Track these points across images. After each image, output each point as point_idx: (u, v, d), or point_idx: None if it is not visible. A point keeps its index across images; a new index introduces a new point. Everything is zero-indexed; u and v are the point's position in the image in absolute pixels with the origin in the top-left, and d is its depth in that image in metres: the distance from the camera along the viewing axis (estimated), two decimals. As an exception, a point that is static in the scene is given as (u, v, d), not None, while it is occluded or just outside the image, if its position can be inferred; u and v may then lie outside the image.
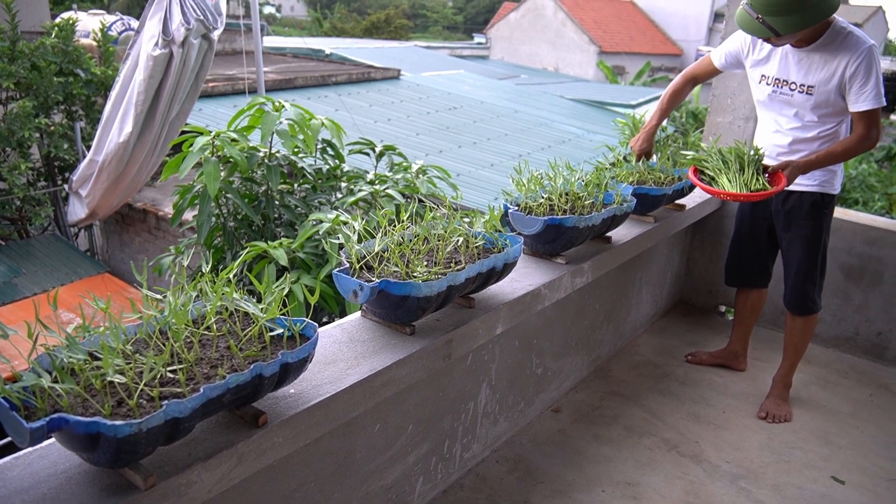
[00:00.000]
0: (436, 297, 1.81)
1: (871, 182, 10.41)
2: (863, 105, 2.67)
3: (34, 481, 1.29)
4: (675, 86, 3.23)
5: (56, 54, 6.96)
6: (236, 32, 12.38)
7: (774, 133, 3.00)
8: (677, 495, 2.58)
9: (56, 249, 6.91)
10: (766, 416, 3.11)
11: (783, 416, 3.10)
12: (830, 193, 2.99)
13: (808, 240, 3.02)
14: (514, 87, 15.02)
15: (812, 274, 3.06)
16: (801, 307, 3.11)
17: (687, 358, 3.57)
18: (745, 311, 3.42)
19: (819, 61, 2.73)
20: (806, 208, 2.99)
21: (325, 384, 1.65)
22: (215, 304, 1.48)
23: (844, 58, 2.66)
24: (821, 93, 2.75)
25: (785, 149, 2.96)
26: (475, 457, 2.62)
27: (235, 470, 1.43)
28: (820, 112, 2.81)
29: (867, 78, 2.63)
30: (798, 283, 3.09)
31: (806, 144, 2.90)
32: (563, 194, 2.61)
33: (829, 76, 2.71)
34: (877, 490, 2.69)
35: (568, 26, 28.21)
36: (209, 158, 3.29)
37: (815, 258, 3.04)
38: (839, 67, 2.67)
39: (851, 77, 2.66)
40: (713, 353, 3.55)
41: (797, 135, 2.91)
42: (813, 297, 3.10)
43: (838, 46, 2.68)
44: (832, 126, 2.84)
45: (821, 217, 3.00)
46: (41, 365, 1.30)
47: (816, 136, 2.87)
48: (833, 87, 2.71)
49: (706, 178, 2.86)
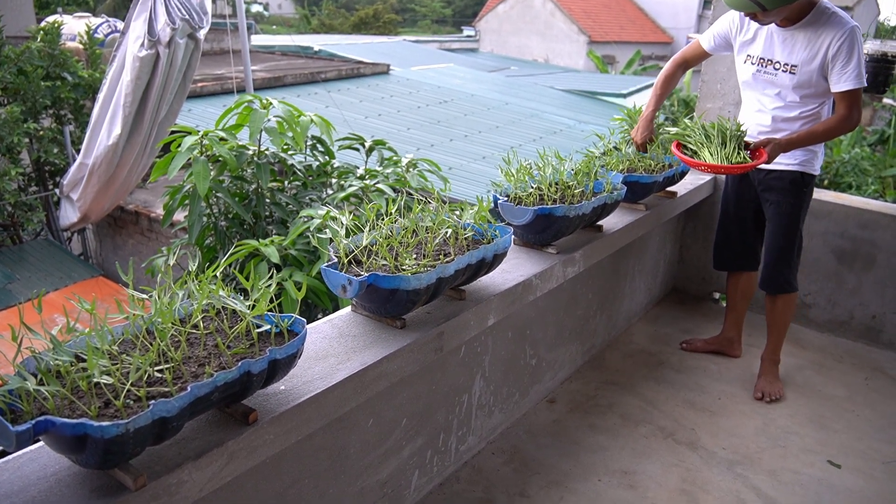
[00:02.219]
0: (425, 289, 1.81)
1: (864, 166, 10.39)
2: (844, 85, 2.69)
3: (24, 484, 1.28)
4: (666, 71, 3.24)
5: (42, 58, 6.93)
6: (224, 32, 12.34)
7: (757, 112, 3.02)
8: (674, 483, 2.58)
9: (49, 254, 6.89)
10: (762, 396, 3.15)
11: (776, 393, 3.17)
12: (810, 173, 3.02)
13: (786, 218, 3.06)
14: (505, 79, 15.01)
15: (786, 253, 3.09)
16: (775, 286, 3.14)
17: (682, 346, 3.58)
18: (735, 295, 3.43)
19: (803, 40, 2.75)
20: (786, 186, 3.03)
21: (316, 380, 1.64)
22: (201, 302, 1.47)
23: (827, 37, 2.68)
24: (803, 73, 2.78)
25: (767, 128, 2.99)
26: (471, 449, 2.62)
27: (226, 468, 1.42)
28: (802, 92, 2.84)
29: (849, 58, 2.66)
30: (772, 262, 3.12)
31: (788, 124, 2.93)
32: (553, 184, 2.60)
33: (812, 56, 2.73)
34: (873, 473, 2.70)
35: (557, 17, 28.11)
36: (198, 158, 3.27)
37: (792, 237, 3.07)
38: (822, 47, 2.70)
39: (834, 57, 2.68)
40: (707, 340, 3.57)
41: (780, 114, 2.93)
42: (787, 276, 3.12)
43: (822, 26, 2.70)
44: (814, 106, 2.87)
45: (800, 195, 3.04)
46: (27, 368, 1.29)
47: (798, 116, 2.90)
48: (816, 67, 2.74)
49: (689, 152, 2.88)
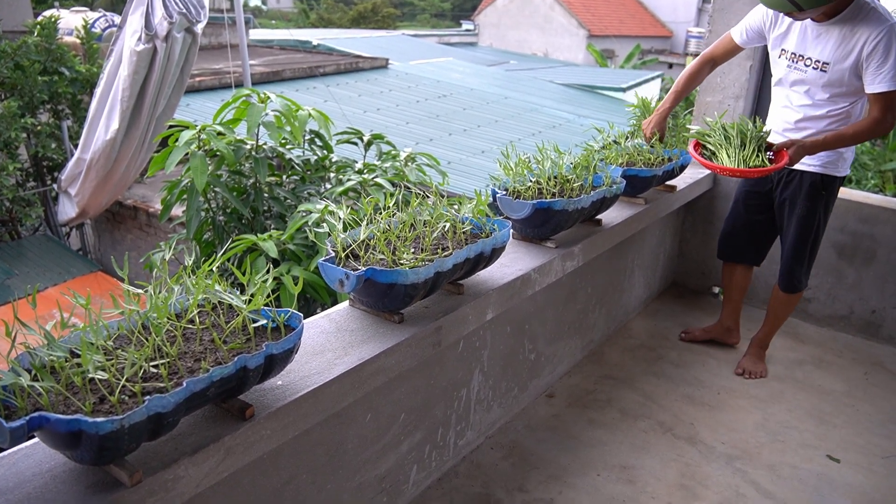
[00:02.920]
0: (423, 283, 1.80)
1: (864, 160, 10.38)
2: (880, 86, 2.54)
3: (19, 481, 1.27)
4: (691, 68, 3.11)
5: (39, 53, 6.91)
6: (221, 26, 12.29)
7: (783, 108, 2.92)
8: (672, 477, 2.58)
9: (48, 249, 6.88)
10: (742, 372, 3.29)
11: (759, 373, 3.28)
12: (832, 175, 2.92)
13: (802, 220, 3.00)
14: (504, 74, 14.98)
15: (800, 254, 3.06)
16: (788, 285, 3.16)
17: (681, 336, 3.62)
18: (731, 286, 3.45)
19: (838, 36, 2.61)
20: (805, 189, 2.95)
21: (313, 375, 1.63)
22: (197, 297, 1.46)
23: (864, 34, 2.53)
24: (835, 71, 2.65)
25: (791, 125, 2.89)
26: (469, 444, 2.61)
27: (223, 464, 1.41)
28: (832, 91, 2.71)
29: (886, 57, 2.50)
30: (787, 262, 3.11)
31: (813, 123, 2.82)
32: (552, 178, 2.59)
33: (847, 53, 2.59)
34: (872, 468, 2.69)
35: (556, 10, 28.03)
36: (196, 152, 3.26)
37: (806, 239, 3.02)
38: (857, 44, 2.55)
39: (869, 55, 2.53)
40: (706, 329, 3.62)
41: (806, 112, 2.82)
42: (799, 276, 3.12)
43: (859, 22, 2.55)
44: (844, 106, 2.74)
45: (817, 199, 2.95)
46: (21, 364, 1.28)
47: (825, 115, 2.78)
48: (849, 65, 2.60)
49: (707, 153, 2.83)
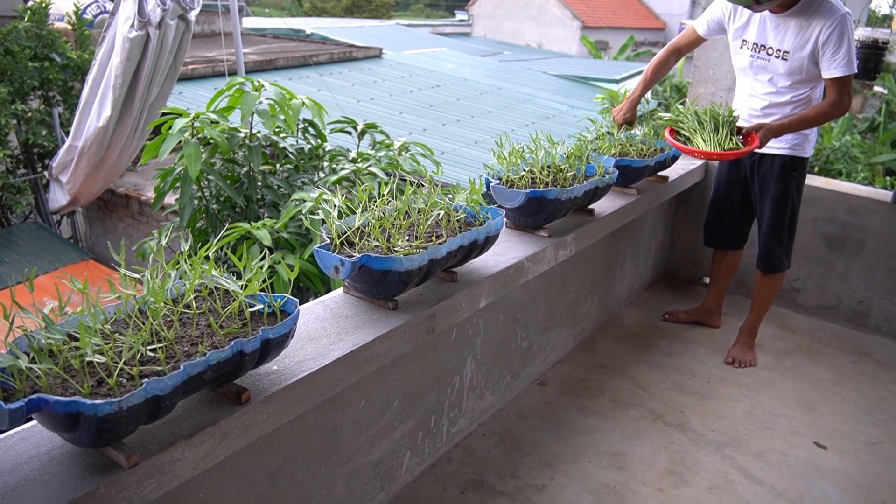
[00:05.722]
0: (417, 270, 1.81)
1: (854, 153, 10.46)
2: (835, 71, 2.73)
3: (16, 463, 1.29)
4: (659, 58, 3.28)
5: (30, 39, 6.84)
6: (215, 14, 12.22)
7: (749, 97, 3.07)
8: (663, 464, 2.61)
9: (38, 237, 6.84)
10: (732, 361, 3.33)
11: (748, 362, 3.32)
12: (801, 156, 3.07)
13: (776, 201, 3.12)
14: (498, 64, 14.93)
15: (778, 234, 3.16)
16: (768, 265, 3.23)
17: (664, 317, 3.71)
18: (720, 271, 3.55)
19: (795, 27, 2.78)
20: (777, 170, 3.08)
21: (308, 360, 1.65)
22: (194, 282, 1.47)
23: (819, 24, 2.71)
24: (795, 59, 2.81)
25: (758, 112, 3.04)
26: (462, 431, 2.64)
27: (219, 447, 1.43)
28: (794, 78, 2.88)
29: (839, 45, 2.69)
30: (764, 243, 3.21)
31: (779, 109, 2.97)
32: (545, 167, 2.61)
33: (804, 42, 2.76)
34: (858, 454, 2.73)
35: (550, 1, 27.93)
36: (189, 140, 3.25)
37: (783, 219, 3.14)
38: (813, 33, 2.73)
39: (825, 43, 2.71)
40: (689, 311, 3.72)
41: (771, 99, 2.98)
42: (779, 256, 3.20)
43: (813, 13, 2.73)
44: (805, 91, 2.92)
45: (789, 179, 3.08)
46: (19, 347, 1.29)
47: (789, 101, 2.94)
48: (807, 53, 2.77)
49: (682, 139, 2.91)
